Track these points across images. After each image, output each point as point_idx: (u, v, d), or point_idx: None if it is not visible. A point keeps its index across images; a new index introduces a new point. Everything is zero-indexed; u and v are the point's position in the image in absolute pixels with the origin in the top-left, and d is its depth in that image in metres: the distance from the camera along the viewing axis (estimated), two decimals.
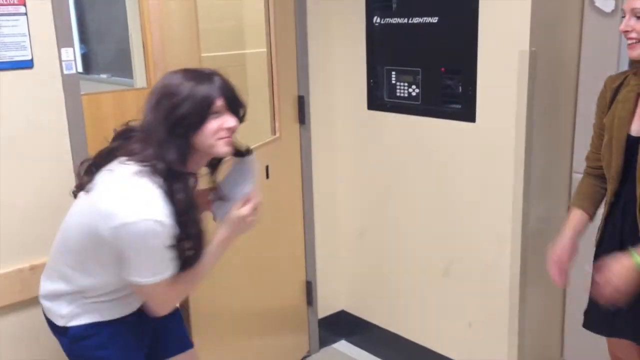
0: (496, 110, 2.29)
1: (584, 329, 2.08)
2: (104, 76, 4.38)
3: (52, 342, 1.81)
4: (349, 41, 2.75)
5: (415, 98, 2.54)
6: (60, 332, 1.74)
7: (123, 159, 1.61)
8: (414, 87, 2.54)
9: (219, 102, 1.57)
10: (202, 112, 1.55)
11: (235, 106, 1.63)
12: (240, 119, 1.65)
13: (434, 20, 2.40)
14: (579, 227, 1.98)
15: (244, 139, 2.53)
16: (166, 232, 1.52)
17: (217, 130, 1.58)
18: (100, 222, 1.52)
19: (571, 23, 2.31)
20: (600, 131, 1.95)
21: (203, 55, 2.83)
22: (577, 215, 1.99)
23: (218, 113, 1.58)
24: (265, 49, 2.64)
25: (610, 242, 1.91)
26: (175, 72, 1.62)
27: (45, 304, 1.76)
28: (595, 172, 1.98)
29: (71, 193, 1.73)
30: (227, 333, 2.58)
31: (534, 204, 2.32)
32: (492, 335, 2.48)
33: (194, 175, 1.65)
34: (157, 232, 1.50)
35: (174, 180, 1.55)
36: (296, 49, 2.70)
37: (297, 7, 2.66)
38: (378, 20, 2.61)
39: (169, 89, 1.57)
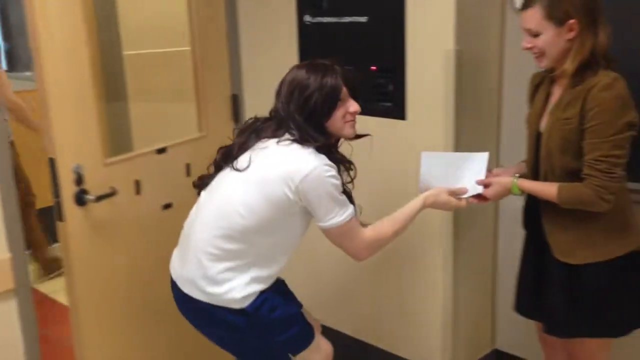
0: (425, 107, 2.36)
1: (514, 318, 2.18)
2: (28, 73, 4.23)
3: None
4: (282, 40, 2.75)
5: None
6: (236, 313, 1.89)
7: (271, 141, 1.88)
8: None
9: (344, 91, 1.86)
10: (332, 101, 1.85)
11: (356, 91, 1.92)
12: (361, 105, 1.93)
13: (364, 19, 2.44)
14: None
15: (167, 136, 2.53)
16: (336, 174, 1.83)
17: (345, 114, 1.89)
18: (285, 185, 1.80)
19: (494, 23, 2.40)
20: None
21: (126, 53, 2.80)
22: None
23: (343, 100, 1.87)
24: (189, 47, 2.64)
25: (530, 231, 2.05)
26: (300, 65, 1.92)
27: (214, 290, 1.87)
28: None
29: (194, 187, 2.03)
30: (166, 332, 2.56)
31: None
32: (426, 327, 2.56)
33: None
34: (332, 173, 1.82)
35: (326, 151, 1.86)
36: (228, 48, 2.69)
37: (228, 8, 2.66)
38: (309, 19, 2.63)
39: (300, 82, 1.86)
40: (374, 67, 2.46)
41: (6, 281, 2.08)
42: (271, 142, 1.89)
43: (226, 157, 1.95)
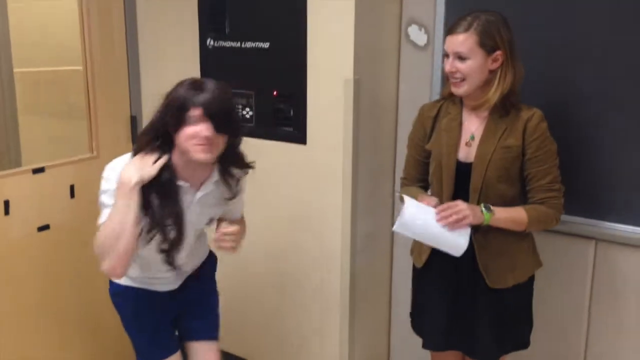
0: (325, 133, 2.40)
1: (408, 338, 2.23)
2: None
3: None
4: (183, 63, 2.72)
5: (249, 120, 2.59)
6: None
7: None
8: (247, 109, 2.59)
9: (196, 112, 1.72)
10: (178, 113, 1.73)
11: (219, 121, 1.74)
12: (229, 133, 1.79)
13: (266, 45, 2.47)
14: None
15: (51, 155, 2.44)
16: (109, 177, 1.79)
17: (195, 136, 1.73)
18: None
19: (390, 54, 2.50)
20: (418, 159, 2.09)
21: (17, 70, 2.70)
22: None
23: (195, 120, 1.73)
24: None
25: (441, 263, 2.00)
26: (186, 79, 1.80)
27: None
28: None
29: None
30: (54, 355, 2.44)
31: (360, 221, 2.46)
32: (326, 348, 2.58)
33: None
34: (106, 174, 1.79)
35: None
36: (128, 70, 2.65)
37: (127, 26, 2.64)
38: (212, 43, 2.63)
39: (170, 91, 1.79)
40: (275, 93, 2.50)
41: None
42: None
43: None
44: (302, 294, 2.60)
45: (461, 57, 1.87)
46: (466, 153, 1.96)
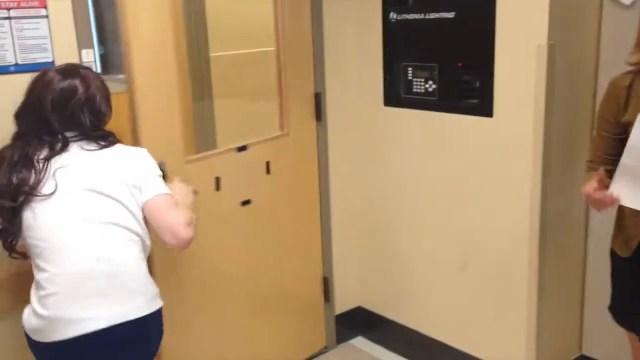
0: (514, 104, 2.29)
1: (603, 323, 2.08)
2: (121, 76, 4.40)
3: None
4: (366, 38, 2.75)
5: (432, 94, 2.54)
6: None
7: None
8: (430, 82, 2.54)
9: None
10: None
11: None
12: None
13: (451, 15, 2.40)
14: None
15: (246, 134, 2.57)
16: None
17: None
18: None
19: (590, 16, 2.30)
20: (608, 137, 1.93)
21: (212, 55, 2.87)
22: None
23: None
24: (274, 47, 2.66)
25: None
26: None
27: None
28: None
29: None
30: (245, 325, 2.61)
31: (552, 197, 2.32)
32: (510, 330, 2.48)
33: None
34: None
35: None
36: (312, 46, 2.71)
37: (313, 6, 2.67)
38: (394, 16, 2.60)
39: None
40: (459, 64, 2.41)
41: None
42: None
43: None
44: (486, 273, 2.52)
45: None
46: None
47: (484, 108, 2.37)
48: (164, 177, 1.87)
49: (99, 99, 1.78)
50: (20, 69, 1.90)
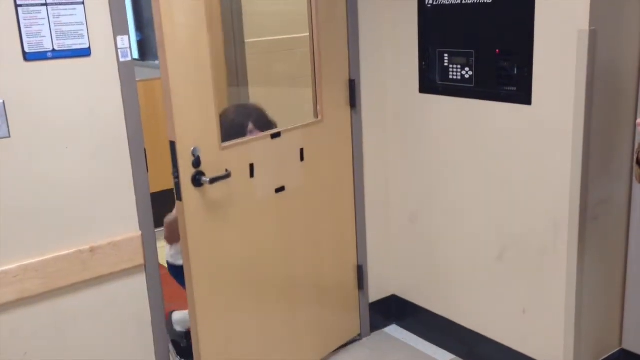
0: (553, 92, 2.23)
1: None
2: (157, 62, 4.46)
3: (113, 319, 1.85)
4: (401, 24, 2.71)
5: (469, 80, 2.49)
6: None
7: None
8: (467, 69, 2.49)
9: None
10: None
11: None
12: None
13: (489, 0, 2.34)
14: None
15: (283, 121, 2.57)
16: None
17: None
18: None
19: (633, 0, 2.22)
20: None
21: (247, 41, 2.87)
22: None
23: None
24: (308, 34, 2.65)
25: None
26: None
27: None
28: None
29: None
30: (279, 311, 2.62)
31: (592, 187, 2.26)
32: (548, 322, 2.44)
33: None
34: None
35: None
36: (347, 32, 2.68)
37: None
38: (431, 2, 2.56)
39: None
40: (497, 50, 2.36)
41: (137, 257, 2.21)
42: None
43: None
44: (524, 264, 2.48)
45: None
46: None
47: (522, 95, 2.32)
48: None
49: None
50: (57, 54, 1.93)
